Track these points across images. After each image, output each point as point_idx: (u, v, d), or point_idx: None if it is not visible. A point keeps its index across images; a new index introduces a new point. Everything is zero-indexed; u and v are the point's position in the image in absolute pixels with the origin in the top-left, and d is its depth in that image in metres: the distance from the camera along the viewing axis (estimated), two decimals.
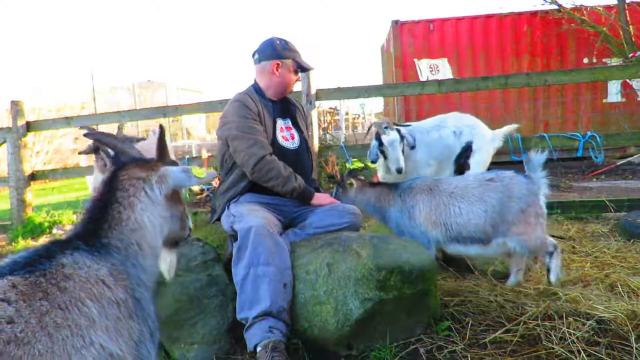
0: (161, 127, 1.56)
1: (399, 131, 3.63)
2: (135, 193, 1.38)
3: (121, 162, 1.47)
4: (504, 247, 2.67)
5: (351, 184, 3.05)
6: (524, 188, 2.64)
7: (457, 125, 4.04)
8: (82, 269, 1.15)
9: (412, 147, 3.69)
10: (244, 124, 2.65)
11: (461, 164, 4.03)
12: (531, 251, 2.67)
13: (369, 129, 4.19)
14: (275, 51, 2.79)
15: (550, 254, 2.67)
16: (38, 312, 1.00)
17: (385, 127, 3.64)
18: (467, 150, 4.00)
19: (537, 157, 2.70)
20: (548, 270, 2.69)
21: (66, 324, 1.03)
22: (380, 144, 3.63)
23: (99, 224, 1.31)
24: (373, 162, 3.74)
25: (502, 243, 2.66)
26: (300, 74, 2.97)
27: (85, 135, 1.85)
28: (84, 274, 1.14)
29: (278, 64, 2.79)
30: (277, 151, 2.71)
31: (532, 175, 2.69)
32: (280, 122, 2.85)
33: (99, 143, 1.71)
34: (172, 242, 1.61)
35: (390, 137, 3.58)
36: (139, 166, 1.45)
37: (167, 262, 1.69)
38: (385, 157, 3.67)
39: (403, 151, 3.61)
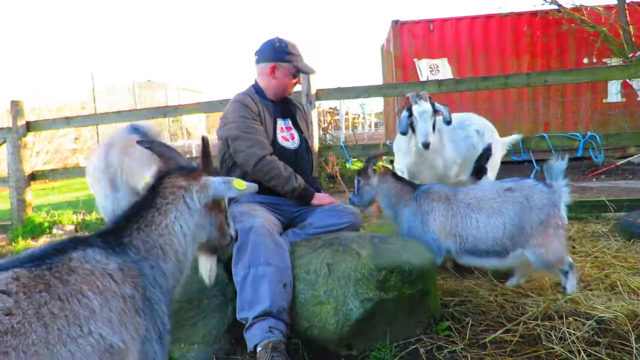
0: (204, 138, 1.59)
1: (433, 104, 3.35)
2: (173, 201, 1.44)
3: (168, 170, 1.54)
4: (521, 258, 2.57)
5: (377, 170, 2.86)
6: (544, 198, 2.53)
7: (479, 125, 3.95)
8: (89, 263, 1.17)
9: (448, 123, 3.37)
10: (245, 124, 2.66)
11: (480, 165, 3.91)
12: (548, 265, 2.54)
13: (404, 102, 3.86)
14: (273, 53, 2.78)
15: (566, 273, 2.57)
16: (37, 303, 1.03)
17: (418, 97, 3.35)
18: (487, 151, 3.90)
19: (559, 164, 2.59)
20: (564, 289, 2.60)
21: (63, 314, 1.06)
22: (410, 114, 3.34)
23: (128, 223, 1.36)
24: (403, 133, 3.42)
25: (520, 255, 2.55)
26: (301, 75, 2.96)
27: (138, 142, 1.86)
28: (89, 267, 1.16)
29: (275, 67, 2.78)
30: (277, 151, 2.71)
31: (553, 183, 2.57)
32: (280, 122, 2.86)
33: (154, 153, 1.75)
34: (212, 249, 1.66)
35: (421, 107, 3.29)
36: (183, 175, 1.50)
37: (206, 268, 1.83)
38: (413, 130, 3.38)
39: (434, 127, 3.35)
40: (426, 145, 3.25)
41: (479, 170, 3.92)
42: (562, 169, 2.58)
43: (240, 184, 1.53)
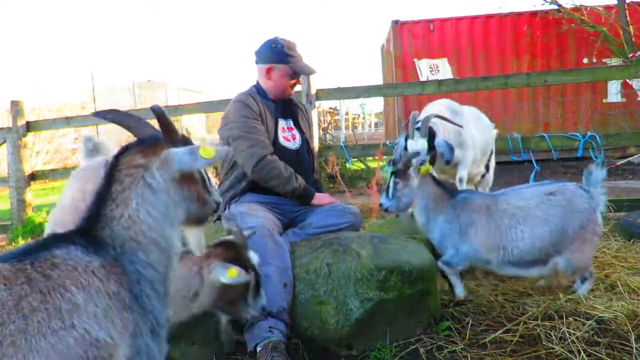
0: (158, 109, 1.35)
1: (431, 138, 2.98)
2: (131, 185, 1.27)
3: (125, 146, 1.34)
4: (556, 266, 2.50)
5: (422, 171, 2.62)
6: (585, 202, 2.47)
7: (488, 121, 3.93)
8: (72, 260, 1.14)
9: (448, 162, 3.04)
10: (246, 124, 2.66)
11: (488, 160, 3.86)
12: (575, 270, 2.50)
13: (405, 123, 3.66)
14: (269, 54, 2.77)
15: (584, 280, 2.54)
16: (17, 295, 1.02)
17: (417, 128, 3.00)
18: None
19: (599, 171, 2.53)
20: (573, 292, 2.57)
21: (44, 307, 1.04)
22: (406, 146, 3.11)
23: (93, 223, 1.26)
24: (395, 163, 3.12)
25: (556, 261, 2.48)
26: (301, 75, 2.95)
27: (95, 114, 1.60)
28: (72, 263, 1.13)
29: (270, 68, 2.77)
30: (278, 151, 2.71)
31: (591, 189, 2.52)
32: (281, 123, 2.86)
33: (113, 122, 1.56)
34: (196, 221, 1.50)
35: (414, 146, 2.99)
36: (140, 151, 1.31)
37: (195, 239, 1.64)
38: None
39: (434, 160, 2.98)
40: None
41: (486, 166, 3.89)
42: (602, 177, 2.54)
43: (208, 152, 1.33)
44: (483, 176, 3.87)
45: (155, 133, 1.40)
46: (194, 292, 1.81)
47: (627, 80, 8.68)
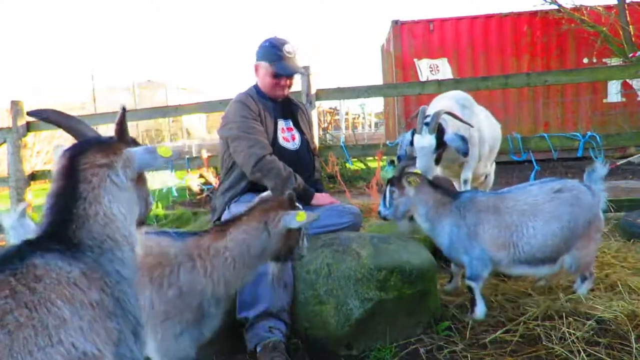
0: (123, 108, 1.39)
1: (441, 133, 2.86)
2: (100, 184, 1.26)
3: (78, 146, 1.32)
4: (563, 263, 2.48)
5: (412, 183, 2.58)
6: (590, 199, 2.47)
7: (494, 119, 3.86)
8: (54, 271, 1.11)
9: (465, 154, 2.91)
10: (245, 124, 2.66)
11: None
12: (578, 267, 2.48)
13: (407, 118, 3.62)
14: (258, 52, 2.79)
15: (584, 279, 2.53)
16: (1, 310, 0.99)
17: (426, 124, 2.84)
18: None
19: (601, 169, 2.52)
20: (573, 292, 2.56)
21: (30, 323, 1.01)
22: (412, 141, 2.98)
23: (65, 225, 1.22)
24: (400, 160, 3.10)
25: (564, 259, 2.46)
26: (300, 75, 2.94)
27: (30, 113, 1.58)
28: (55, 276, 1.10)
29: (257, 66, 2.79)
30: (277, 152, 2.71)
31: (593, 187, 2.51)
32: (281, 123, 2.85)
33: (49, 122, 1.55)
34: (140, 222, 1.52)
35: (421, 142, 2.87)
36: (100, 151, 1.29)
37: (140, 240, 1.68)
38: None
39: (439, 159, 2.97)
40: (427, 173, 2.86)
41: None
42: (604, 173, 2.54)
43: (165, 151, 1.35)
44: (486, 177, 3.84)
45: (98, 135, 1.42)
46: (262, 247, 1.82)
47: (627, 80, 8.68)
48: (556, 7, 9.23)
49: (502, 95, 9.06)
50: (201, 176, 7.11)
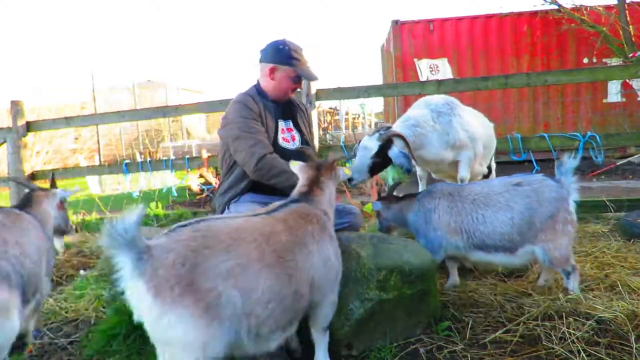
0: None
1: (385, 143, 2.94)
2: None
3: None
4: (531, 255, 2.57)
5: (366, 209, 3.03)
6: (553, 192, 2.52)
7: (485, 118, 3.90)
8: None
9: (408, 172, 2.98)
10: (245, 124, 2.65)
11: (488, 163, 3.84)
12: (553, 262, 2.53)
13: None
14: (275, 54, 2.75)
15: (568, 274, 2.57)
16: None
17: (380, 133, 2.98)
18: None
19: (570, 161, 2.57)
20: (565, 290, 2.60)
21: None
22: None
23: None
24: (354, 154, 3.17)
25: (530, 251, 2.55)
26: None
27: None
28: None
29: (274, 69, 2.75)
30: (277, 152, 2.71)
31: (563, 179, 2.56)
32: (281, 124, 2.85)
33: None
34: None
35: (365, 142, 3.01)
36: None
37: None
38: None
39: (381, 165, 3.02)
40: (349, 180, 2.93)
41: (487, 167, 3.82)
42: (573, 166, 2.57)
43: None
44: (485, 177, 3.82)
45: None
46: (334, 196, 2.23)
47: (627, 80, 8.68)
48: (556, 7, 9.23)
49: (502, 95, 9.06)
50: (201, 176, 7.11)
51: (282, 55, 2.74)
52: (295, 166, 2.27)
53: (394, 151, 2.94)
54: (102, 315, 2.88)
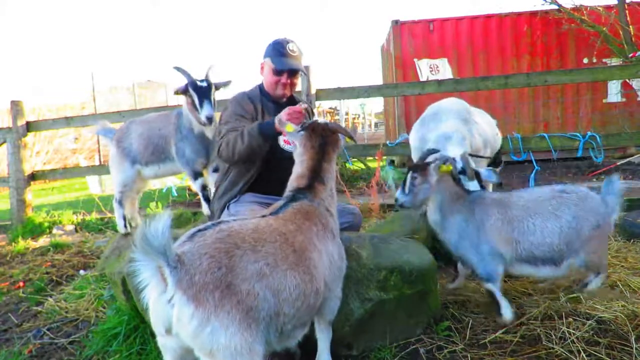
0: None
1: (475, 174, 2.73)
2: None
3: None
4: (571, 267, 2.41)
5: (443, 170, 2.50)
6: (599, 204, 2.43)
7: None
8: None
9: (500, 185, 2.90)
10: (231, 118, 2.66)
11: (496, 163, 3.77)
12: (589, 267, 2.43)
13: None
14: (266, 50, 2.79)
15: (598, 274, 2.48)
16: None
17: (462, 172, 2.71)
18: (499, 152, 3.81)
19: (620, 183, 2.49)
20: (584, 285, 2.51)
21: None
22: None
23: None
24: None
25: (572, 263, 2.40)
26: (301, 75, 2.94)
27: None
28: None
29: (263, 64, 2.81)
30: (279, 155, 2.69)
31: (608, 198, 2.47)
32: None
33: None
34: None
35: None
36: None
37: None
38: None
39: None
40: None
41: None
42: (620, 188, 2.50)
43: None
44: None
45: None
46: (334, 176, 2.20)
47: (627, 80, 8.67)
48: (556, 7, 9.22)
49: (502, 95, 9.06)
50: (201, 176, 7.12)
51: (267, 49, 2.78)
52: (292, 132, 2.15)
53: (485, 173, 2.74)
54: (102, 315, 2.88)
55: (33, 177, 5.78)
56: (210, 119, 3.14)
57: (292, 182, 2.07)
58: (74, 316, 2.95)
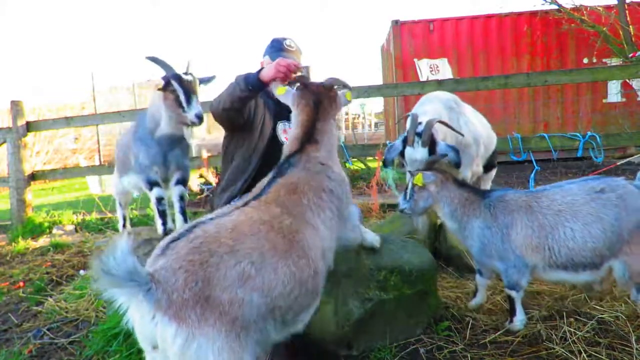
0: None
1: (432, 144, 2.72)
2: None
3: None
4: (608, 270, 2.24)
5: (415, 182, 2.44)
6: (638, 199, 2.22)
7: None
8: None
9: (457, 166, 2.76)
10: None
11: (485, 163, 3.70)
12: (632, 277, 2.20)
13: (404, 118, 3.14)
14: (265, 50, 2.78)
15: (639, 289, 2.22)
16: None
17: (418, 134, 2.69)
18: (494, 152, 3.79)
19: None
20: (635, 301, 2.28)
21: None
22: (404, 147, 2.80)
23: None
24: (386, 164, 2.96)
25: (612, 266, 2.23)
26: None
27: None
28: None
29: (262, 63, 2.76)
30: (279, 150, 2.69)
31: None
32: (281, 125, 2.84)
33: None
34: None
35: (414, 155, 2.73)
36: None
37: None
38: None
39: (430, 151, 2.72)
40: (401, 211, 2.64)
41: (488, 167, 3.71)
42: None
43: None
44: (485, 173, 3.76)
45: None
46: (335, 138, 2.11)
47: (627, 80, 8.67)
48: (556, 7, 9.22)
49: (502, 95, 9.05)
50: (201, 176, 7.11)
51: (266, 48, 2.77)
52: (283, 94, 2.05)
53: (442, 147, 2.69)
54: (102, 315, 2.88)
55: (33, 177, 5.78)
56: (200, 118, 2.76)
57: (286, 148, 1.97)
58: (74, 316, 2.95)
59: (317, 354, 2.23)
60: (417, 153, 2.68)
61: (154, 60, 2.74)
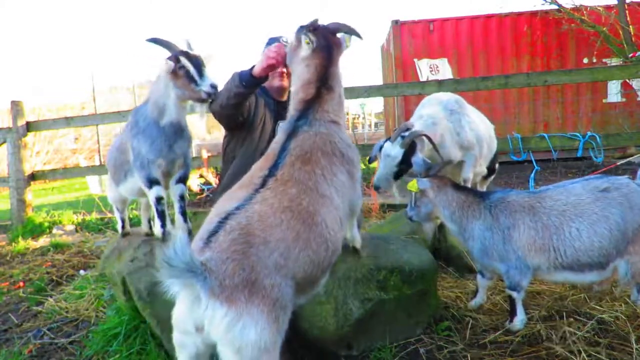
0: None
1: (410, 150, 2.78)
2: None
3: None
4: (614, 271, 2.23)
5: (409, 187, 2.49)
6: None
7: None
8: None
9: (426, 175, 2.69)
10: None
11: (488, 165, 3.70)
12: (635, 277, 2.20)
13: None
14: (263, 50, 2.78)
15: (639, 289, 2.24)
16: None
17: (402, 137, 2.80)
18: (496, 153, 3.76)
19: None
20: (634, 301, 2.30)
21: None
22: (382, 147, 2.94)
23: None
24: (370, 162, 3.16)
25: (616, 266, 2.21)
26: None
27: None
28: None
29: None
30: None
31: None
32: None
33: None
34: None
35: (388, 150, 2.85)
36: None
37: None
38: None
39: (400, 173, 2.85)
40: (376, 188, 2.88)
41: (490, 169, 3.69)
42: None
43: None
44: (484, 178, 3.77)
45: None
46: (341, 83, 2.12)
47: (627, 80, 8.67)
48: (556, 7, 9.22)
49: (502, 95, 9.05)
50: (201, 176, 7.11)
51: (263, 48, 2.73)
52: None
53: (418, 159, 2.75)
54: (102, 315, 2.88)
55: (33, 177, 5.78)
56: (215, 88, 2.51)
57: (298, 93, 1.96)
58: (74, 316, 2.95)
59: (317, 354, 2.23)
60: (393, 150, 2.80)
61: (156, 41, 2.62)
